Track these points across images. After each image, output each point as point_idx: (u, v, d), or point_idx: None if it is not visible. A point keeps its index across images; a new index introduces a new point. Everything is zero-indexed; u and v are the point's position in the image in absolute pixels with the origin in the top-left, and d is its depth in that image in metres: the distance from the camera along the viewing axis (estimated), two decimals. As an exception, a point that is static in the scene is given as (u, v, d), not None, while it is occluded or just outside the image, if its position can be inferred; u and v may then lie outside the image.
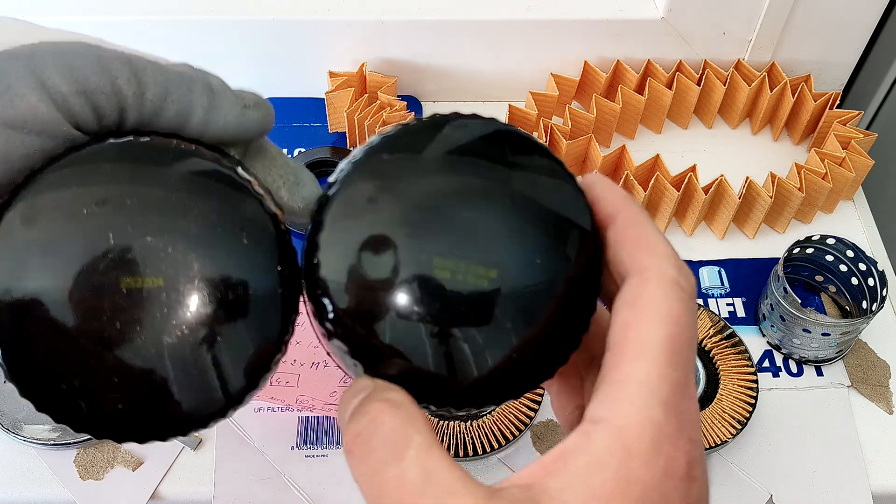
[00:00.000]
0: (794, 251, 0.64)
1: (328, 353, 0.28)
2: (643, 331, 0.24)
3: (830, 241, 0.64)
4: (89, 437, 0.29)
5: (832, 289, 0.66)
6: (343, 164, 0.27)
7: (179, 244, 0.25)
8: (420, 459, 0.23)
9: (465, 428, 0.58)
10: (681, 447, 0.23)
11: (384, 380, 0.25)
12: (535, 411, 0.59)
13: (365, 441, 0.24)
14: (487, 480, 0.57)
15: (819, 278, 0.67)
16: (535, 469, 0.24)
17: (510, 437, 0.58)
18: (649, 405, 0.23)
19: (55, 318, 0.24)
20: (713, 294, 0.67)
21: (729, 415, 0.58)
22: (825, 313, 0.66)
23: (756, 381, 0.60)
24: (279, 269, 0.26)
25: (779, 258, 0.62)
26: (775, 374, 0.63)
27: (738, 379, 0.60)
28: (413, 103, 0.79)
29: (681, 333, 0.24)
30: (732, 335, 0.62)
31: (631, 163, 0.69)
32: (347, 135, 0.75)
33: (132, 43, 0.28)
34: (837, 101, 0.74)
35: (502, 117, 0.73)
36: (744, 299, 0.67)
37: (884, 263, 0.70)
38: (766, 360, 0.64)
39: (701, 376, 0.61)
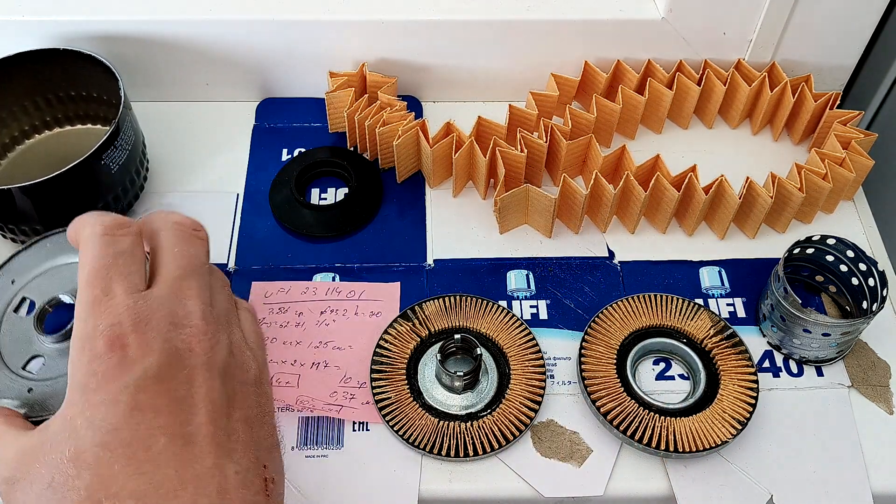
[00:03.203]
0: (795, 251, 0.64)
1: None
2: None
3: (831, 242, 0.64)
4: None
5: (832, 289, 0.66)
6: None
7: None
8: None
9: (465, 428, 0.58)
10: None
11: None
12: (536, 411, 0.59)
13: None
14: (488, 481, 0.57)
15: (819, 278, 0.67)
16: None
17: (510, 438, 0.58)
18: None
19: None
20: (713, 294, 0.67)
21: (729, 415, 0.58)
22: (825, 313, 0.66)
23: (756, 382, 0.60)
24: None
25: (779, 258, 0.62)
26: (775, 375, 0.63)
27: (738, 379, 0.60)
28: (413, 103, 0.79)
29: None
30: (733, 335, 0.62)
31: (631, 163, 0.69)
32: (347, 135, 0.75)
33: (132, 42, 0.29)
34: (838, 102, 0.74)
35: (502, 117, 0.73)
36: (744, 299, 0.67)
37: (884, 263, 0.70)
38: (767, 361, 0.64)
39: (701, 376, 0.61)
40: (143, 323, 0.39)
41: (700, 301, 0.66)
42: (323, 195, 0.73)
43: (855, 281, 0.64)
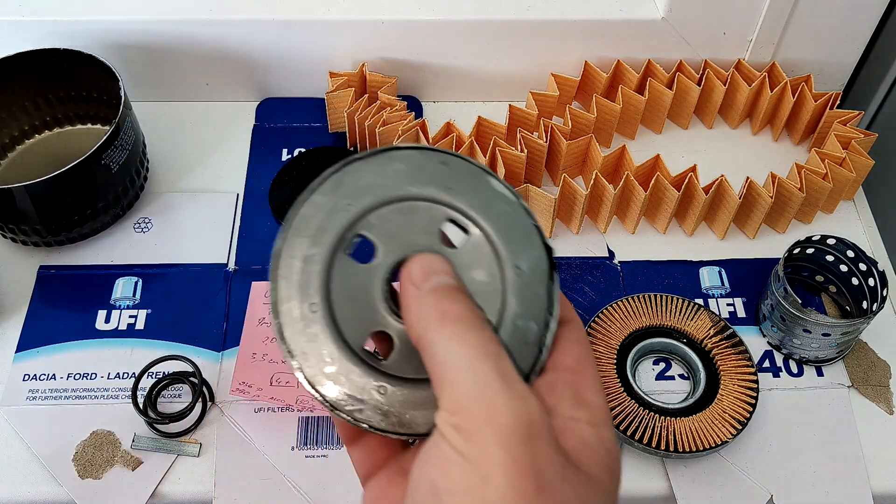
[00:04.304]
0: (795, 251, 0.64)
1: None
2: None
3: (831, 242, 0.64)
4: None
5: (832, 289, 0.66)
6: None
7: None
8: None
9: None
10: None
11: None
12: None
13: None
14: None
15: (819, 278, 0.67)
16: None
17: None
18: None
19: None
20: (713, 294, 0.67)
21: (729, 415, 0.58)
22: (825, 313, 0.66)
23: (756, 382, 0.60)
24: None
25: (779, 258, 0.62)
26: (775, 375, 0.63)
27: (738, 379, 0.60)
28: (413, 103, 0.79)
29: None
30: (733, 335, 0.62)
31: (631, 163, 0.69)
32: (347, 135, 0.75)
33: (132, 42, 0.29)
34: (837, 102, 0.74)
35: (502, 117, 0.73)
36: (744, 299, 0.67)
37: (884, 263, 0.70)
38: (767, 361, 0.64)
39: (701, 376, 0.61)
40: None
41: (700, 301, 0.66)
42: (323, 195, 0.73)
43: (855, 281, 0.64)
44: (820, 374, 0.63)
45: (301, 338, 0.32)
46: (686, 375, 0.63)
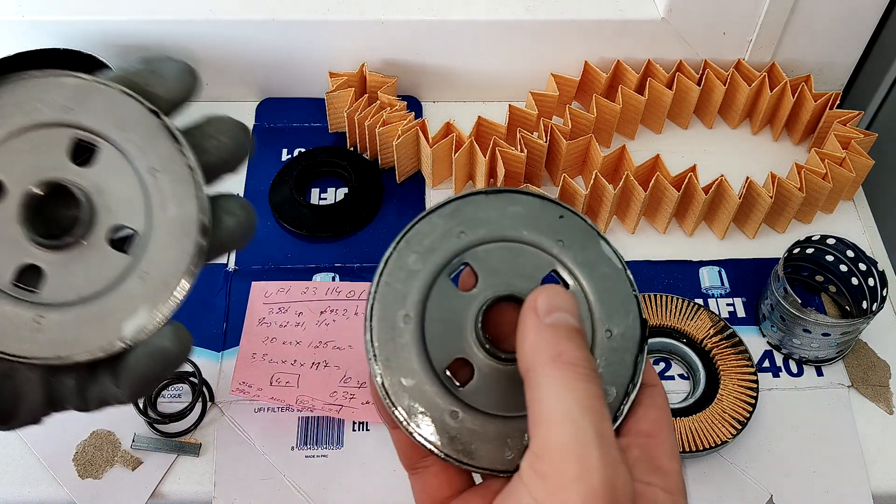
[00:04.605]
0: (795, 251, 0.64)
1: None
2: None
3: (830, 241, 0.64)
4: None
5: (832, 289, 0.66)
6: None
7: None
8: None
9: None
10: None
11: None
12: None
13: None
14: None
15: (819, 278, 0.67)
16: None
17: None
18: None
19: None
20: (713, 294, 0.67)
21: (729, 415, 0.58)
22: (825, 313, 0.66)
23: (756, 381, 0.60)
24: None
25: (779, 258, 0.62)
26: (775, 375, 0.63)
27: (738, 379, 0.60)
28: (413, 103, 0.79)
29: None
30: (732, 335, 0.62)
31: (631, 163, 0.69)
32: (347, 135, 0.75)
33: (132, 42, 0.29)
34: (837, 102, 0.74)
35: (502, 117, 0.73)
36: (744, 299, 0.67)
37: (884, 263, 0.70)
38: (767, 360, 0.64)
39: (701, 376, 0.61)
40: None
41: (700, 301, 0.66)
42: (323, 195, 0.73)
43: (855, 281, 0.64)
44: (820, 374, 0.63)
45: (389, 345, 0.33)
46: (686, 375, 0.63)
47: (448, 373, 0.33)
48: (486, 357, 0.33)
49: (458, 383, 0.33)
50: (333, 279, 0.67)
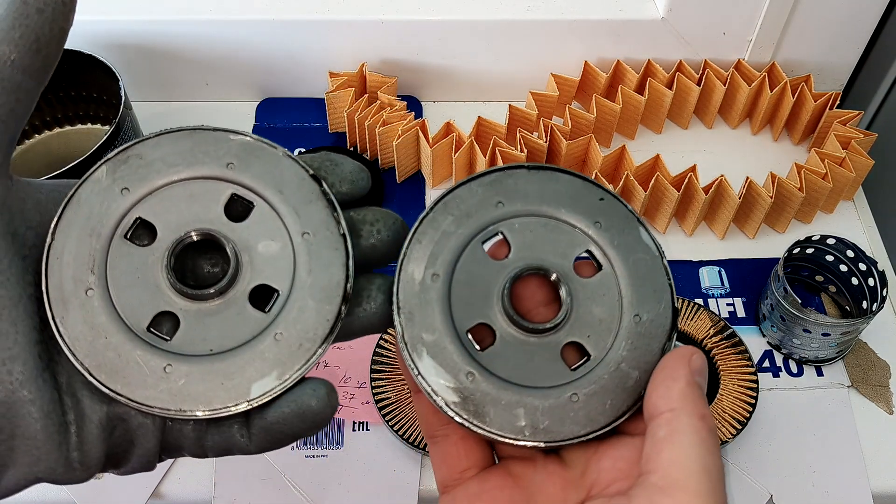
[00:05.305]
0: (795, 251, 0.64)
1: None
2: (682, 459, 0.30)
3: (830, 241, 0.64)
4: None
5: (832, 289, 0.66)
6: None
7: None
8: None
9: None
10: None
11: None
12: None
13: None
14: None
15: (819, 278, 0.67)
16: None
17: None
18: None
19: None
20: (713, 294, 0.67)
21: (729, 415, 0.58)
22: (825, 313, 0.66)
23: (756, 381, 0.60)
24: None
25: (779, 258, 0.62)
26: (775, 374, 0.63)
27: (738, 379, 0.60)
28: (413, 103, 0.79)
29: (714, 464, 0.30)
30: (732, 335, 0.62)
31: (631, 163, 0.69)
32: (347, 135, 0.75)
33: (133, 42, 0.29)
34: (837, 101, 0.74)
35: (502, 117, 0.73)
36: (744, 299, 0.67)
37: (884, 263, 0.70)
38: (766, 360, 0.64)
39: (701, 376, 0.61)
40: None
41: (700, 301, 0.66)
42: (323, 195, 0.73)
43: (855, 281, 0.64)
44: (820, 373, 0.63)
45: (413, 300, 0.34)
46: (686, 375, 0.63)
47: (469, 336, 0.34)
48: (510, 326, 0.34)
49: (478, 347, 0.34)
50: (333, 279, 0.67)
